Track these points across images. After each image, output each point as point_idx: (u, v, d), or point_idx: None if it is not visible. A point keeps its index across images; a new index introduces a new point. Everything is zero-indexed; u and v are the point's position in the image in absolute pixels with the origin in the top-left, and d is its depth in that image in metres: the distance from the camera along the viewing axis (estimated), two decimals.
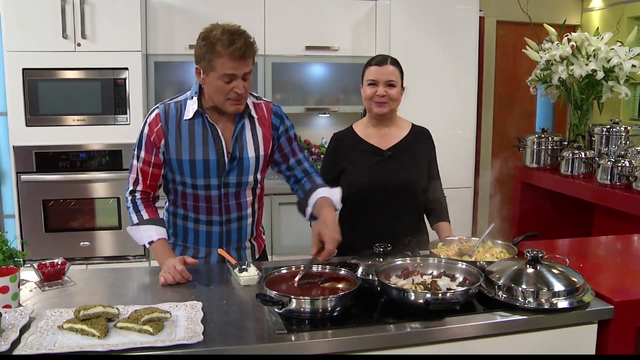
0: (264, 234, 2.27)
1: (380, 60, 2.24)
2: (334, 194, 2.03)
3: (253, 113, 2.03)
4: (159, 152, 1.98)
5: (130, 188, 2.02)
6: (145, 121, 2.00)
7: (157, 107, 2.00)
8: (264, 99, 2.12)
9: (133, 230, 2.00)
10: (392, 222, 2.22)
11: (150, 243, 1.96)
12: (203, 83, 1.92)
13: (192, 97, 1.98)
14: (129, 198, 2.02)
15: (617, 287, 1.80)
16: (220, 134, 1.98)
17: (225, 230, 2.07)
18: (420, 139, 2.33)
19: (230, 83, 1.86)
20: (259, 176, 2.08)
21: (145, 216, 1.99)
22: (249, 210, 2.10)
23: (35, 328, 1.45)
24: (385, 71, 2.21)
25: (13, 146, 3.40)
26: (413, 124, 2.36)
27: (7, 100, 3.37)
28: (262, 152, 2.04)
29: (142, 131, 1.99)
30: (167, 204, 2.14)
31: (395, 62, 2.24)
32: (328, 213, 1.94)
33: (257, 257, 2.19)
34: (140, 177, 2.00)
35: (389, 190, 2.22)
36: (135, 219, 1.99)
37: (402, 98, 2.28)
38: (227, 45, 1.80)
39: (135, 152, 2.00)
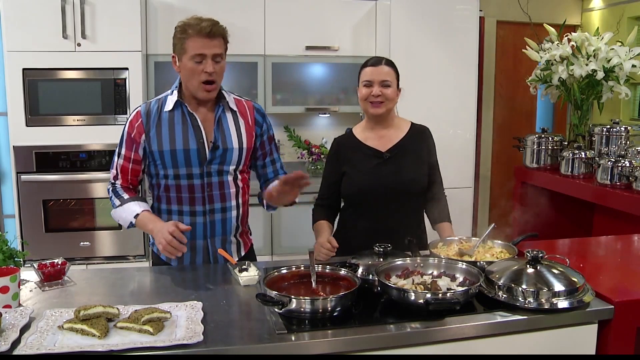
0: (250, 235, 2.29)
1: (375, 61, 2.25)
2: None
3: (233, 106, 2.11)
4: (139, 147, 2.05)
5: (111, 181, 2.12)
6: (127, 119, 2.09)
7: (139, 106, 2.11)
8: (245, 97, 2.20)
9: (117, 211, 2.06)
10: (392, 223, 2.22)
11: (136, 217, 2.00)
12: (178, 70, 2.04)
13: (172, 92, 2.08)
14: (110, 188, 2.11)
15: (617, 287, 1.81)
16: (200, 124, 2.05)
17: (209, 220, 2.09)
18: (419, 138, 2.33)
19: (201, 64, 1.96)
20: (241, 168, 2.13)
21: (127, 197, 2.07)
22: (233, 203, 2.13)
23: (36, 328, 1.45)
24: (380, 71, 2.21)
25: (13, 146, 3.40)
26: (412, 123, 2.36)
27: (7, 100, 3.37)
28: (245, 145, 2.11)
29: (123, 129, 2.09)
30: (151, 201, 2.18)
31: (390, 63, 2.25)
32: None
33: (242, 254, 2.21)
34: (119, 174, 2.09)
35: (388, 191, 2.22)
36: (117, 202, 2.06)
37: (397, 99, 2.27)
38: (195, 25, 1.95)
39: (117, 150, 2.10)
